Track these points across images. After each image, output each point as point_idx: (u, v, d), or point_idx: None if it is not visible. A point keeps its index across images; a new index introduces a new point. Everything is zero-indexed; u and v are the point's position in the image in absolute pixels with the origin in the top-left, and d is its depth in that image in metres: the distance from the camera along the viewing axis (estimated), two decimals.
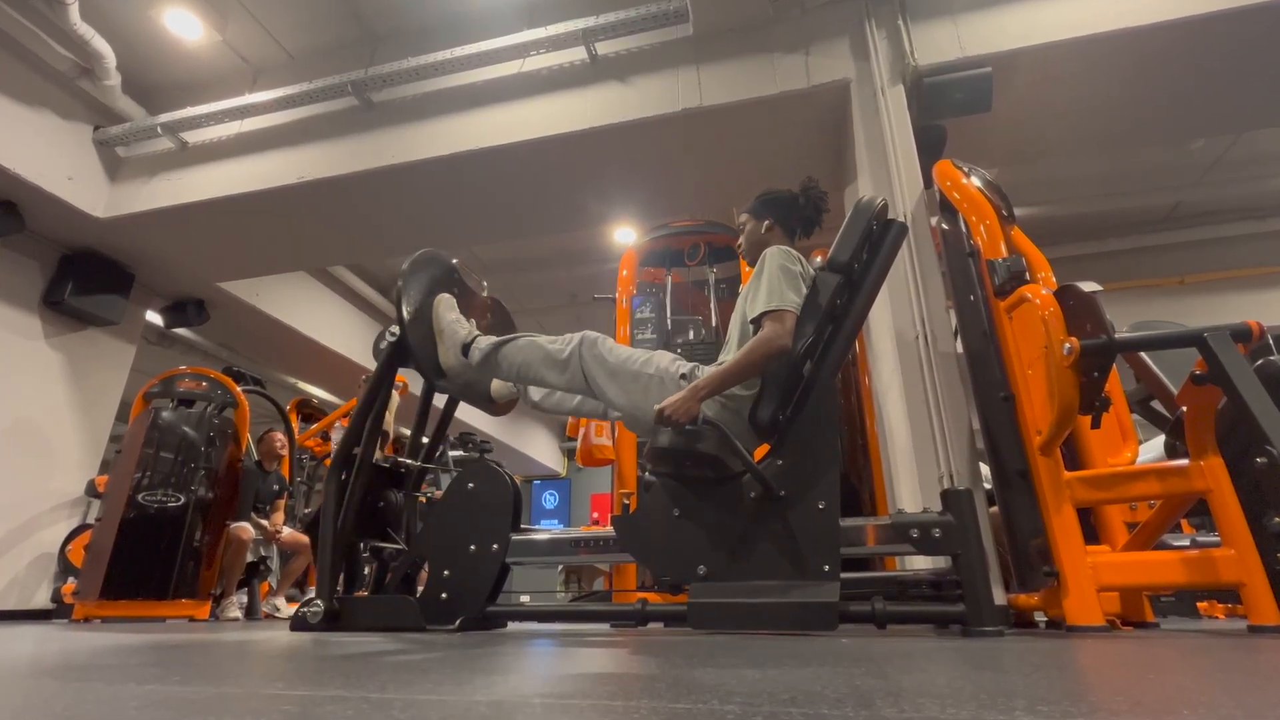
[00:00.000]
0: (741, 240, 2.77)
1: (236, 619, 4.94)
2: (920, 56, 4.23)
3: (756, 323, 2.32)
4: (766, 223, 2.68)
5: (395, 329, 2.73)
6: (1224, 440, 2.23)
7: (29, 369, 5.85)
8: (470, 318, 2.88)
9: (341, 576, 2.60)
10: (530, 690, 0.91)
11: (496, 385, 2.93)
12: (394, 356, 2.74)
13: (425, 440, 3.16)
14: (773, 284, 2.32)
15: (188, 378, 5.42)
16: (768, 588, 2.07)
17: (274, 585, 5.83)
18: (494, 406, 2.99)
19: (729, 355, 2.44)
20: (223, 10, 5.56)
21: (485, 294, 3.29)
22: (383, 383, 2.78)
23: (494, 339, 2.66)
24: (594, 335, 2.52)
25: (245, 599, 5.57)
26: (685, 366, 2.38)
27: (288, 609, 4.84)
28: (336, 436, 5.58)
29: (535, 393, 2.87)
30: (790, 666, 1.13)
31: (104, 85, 5.54)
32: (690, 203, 5.77)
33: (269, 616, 5.25)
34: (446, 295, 2.86)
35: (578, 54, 4.98)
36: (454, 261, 3.04)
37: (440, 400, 3.12)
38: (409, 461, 2.97)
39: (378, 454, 2.82)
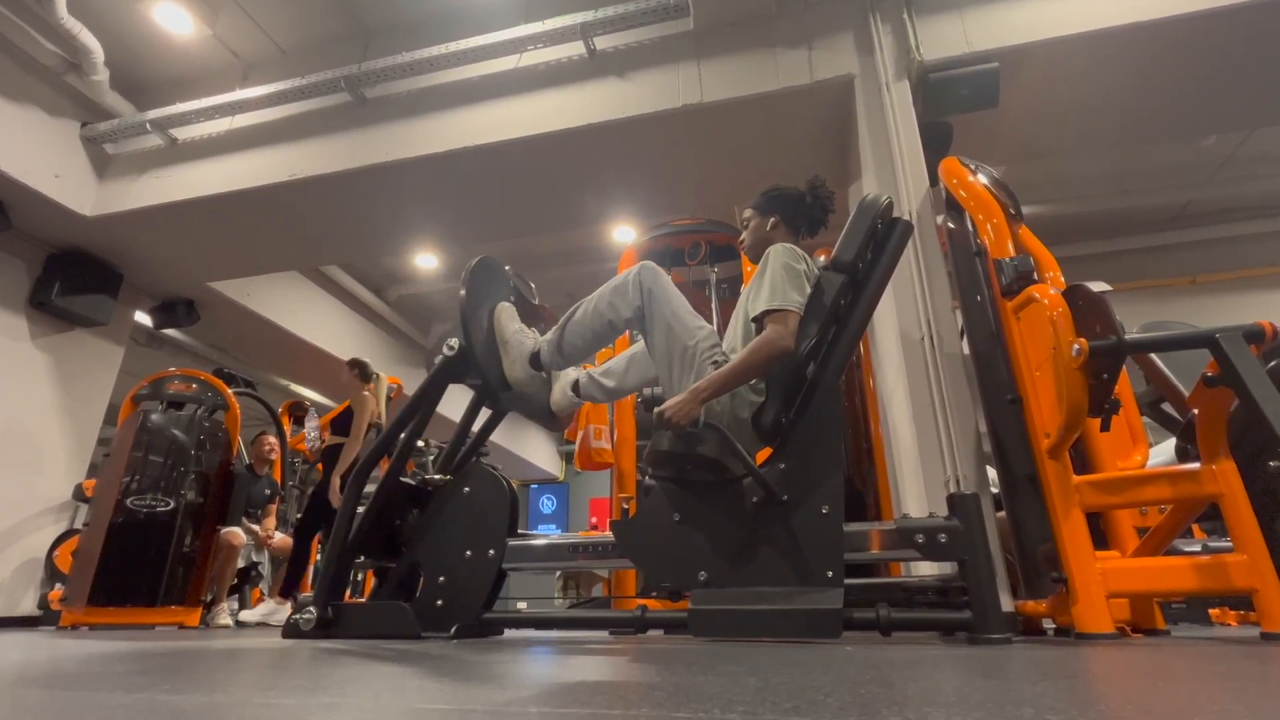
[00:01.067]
0: (745, 236, 2.77)
1: (227, 626, 4.94)
2: (926, 51, 4.24)
3: (759, 322, 2.32)
4: (772, 220, 2.69)
5: (454, 342, 2.65)
6: (1236, 443, 2.23)
7: (15, 371, 5.84)
8: (530, 326, 2.84)
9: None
10: (528, 699, 0.91)
11: (557, 396, 2.85)
12: (447, 371, 2.65)
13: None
14: (776, 282, 2.32)
15: (177, 380, 5.41)
16: (770, 594, 2.07)
17: (265, 591, 5.83)
18: (554, 420, 2.90)
19: (731, 355, 2.44)
20: (213, 4, 5.57)
21: (537, 301, 3.24)
22: (427, 397, 2.71)
23: (552, 335, 2.64)
24: (652, 265, 2.53)
25: (236, 605, 5.57)
26: (720, 355, 2.39)
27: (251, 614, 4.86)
28: (311, 433, 5.57)
29: (607, 380, 2.80)
30: (793, 675, 1.13)
31: (92, 81, 5.54)
32: (690, 201, 5.78)
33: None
34: (508, 304, 2.82)
35: (576, 49, 4.99)
36: (507, 269, 3.01)
37: (457, 412, 3.05)
38: (436, 478, 2.87)
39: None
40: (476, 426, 2.98)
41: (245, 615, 4.76)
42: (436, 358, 2.70)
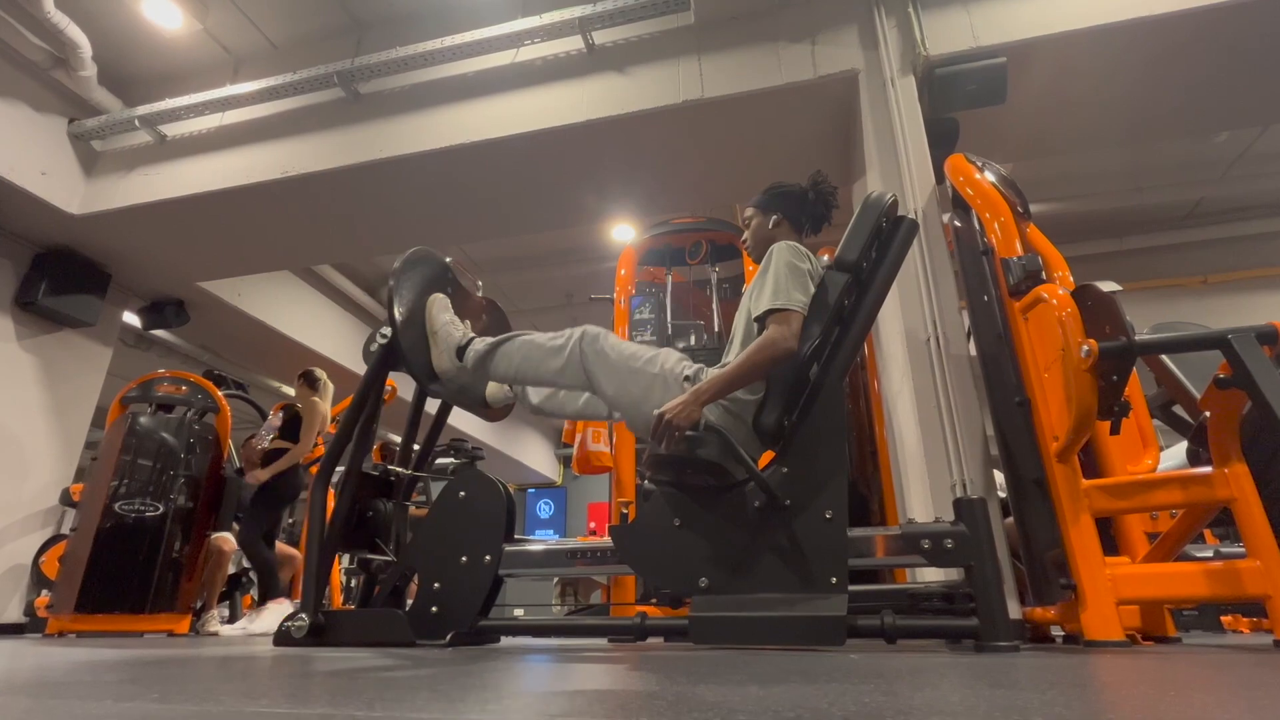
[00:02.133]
0: (747, 236, 2.77)
1: (217, 633, 4.94)
2: (932, 46, 4.24)
3: (761, 321, 2.31)
4: (774, 218, 2.69)
5: (386, 330, 2.73)
6: (1249, 447, 2.23)
7: (0, 373, 5.84)
8: (465, 319, 2.88)
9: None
10: (525, 708, 0.91)
11: (492, 389, 2.93)
12: (385, 360, 2.74)
13: (416, 447, 3.16)
14: (779, 281, 2.32)
15: (167, 381, 5.41)
16: (772, 601, 2.07)
17: (256, 598, 5.83)
18: (489, 411, 2.99)
19: (732, 355, 2.44)
20: None
21: (480, 294, 3.28)
22: (372, 387, 2.78)
23: (489, 339, 2.66)
24: (595, 330, 2.51)
25: (227, 612, 5.57)
26: (691, 368, 2.38)
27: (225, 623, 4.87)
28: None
29: (535, 394, 2.87)
30: (796, 683, 1.13)
31: (79, 76, 5.54)
32: (691, 198, 5.78)
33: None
34: (440, 295, 2.86)
35: (574, 43, 4.99)
36: (448, 260, 3.04)
37: (432, 406, 3.12)
38: (399, 470, 2.97)
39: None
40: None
41: (227, 630, 4.76)
42: (372, 346, 2.76)
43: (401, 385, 7.06)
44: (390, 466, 2.98)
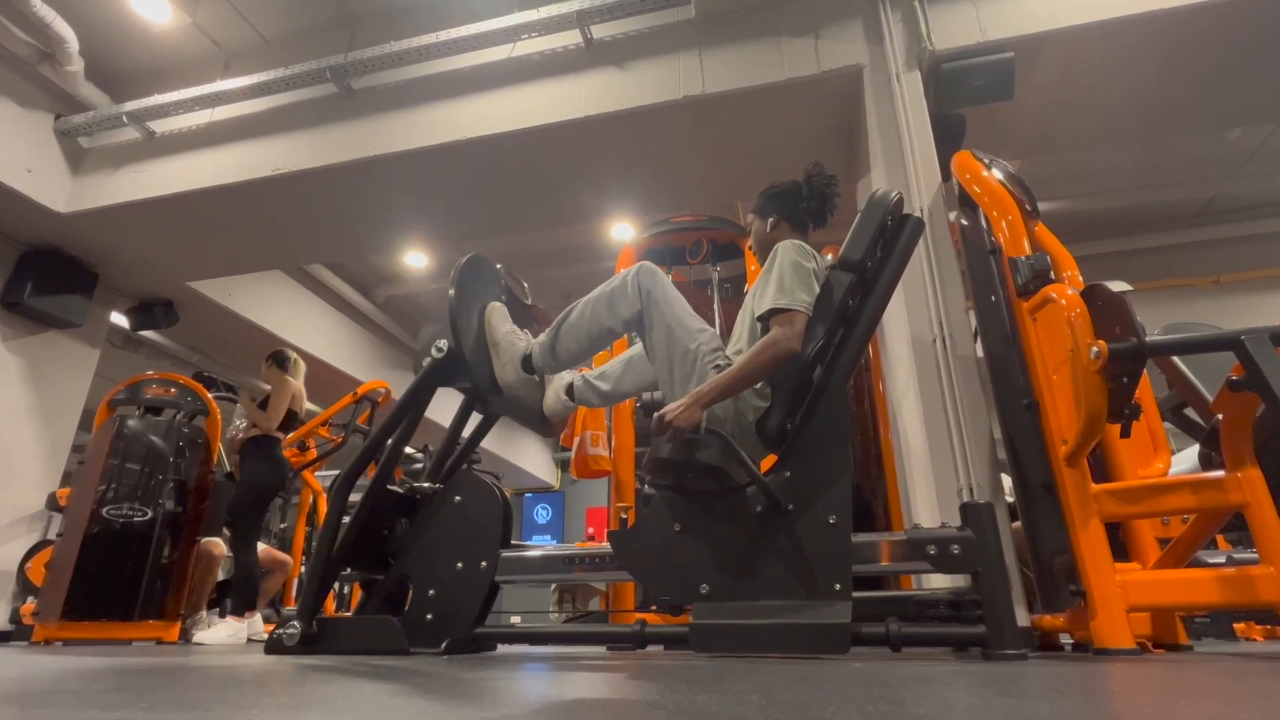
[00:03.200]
0: (751, 241, 2.78)
1: (203, 642, 4.93)
2: (938, 41, 4.24)
3: (764, 321, 2.32)
4: (772, 219, 2.69)
5: (443, 343, 2.66)
6: (1263, 450, 2.23)
7: None
8: (523, 328, 2.85)
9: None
10: (522, 717, 0.91)
11: (550, 400, 2.87)
12: (437, 374, 2.66)
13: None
14: (783, 280, 2.32)
15: (155, 384, 5.41)
16: (775, 608, 2.07)
17: (230, 607, 5.82)
18: (546, 425, 2.92)
19: (734, 356, 2.44)
20: None
21: (530, 301, 3.24)
22: (415, 401, 2.72)
23: (544, 338, 2.65)
24: (650, 266, 2.53)
25: (217, 619, 5.56)
26: (723, 358, 2.39)
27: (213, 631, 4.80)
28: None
29: (602, 384, 2.81)
30: (799, 692, 1.13)
31: (66, 71, 5.55)
32: (692, 197, 5.78)
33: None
34: (499, 305, 2.83)
35: (572, 38, 4.99)
36: (499, 267, 3.01)
37: (449, 417, 3.07)
38: (425, 486, 2.87)
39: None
40: (467, 432, 2.98)
41: (203, 636, 4.69)
42: (424, 360, 2.69)
43: (396, 387, 7.07)
44: (415, 484, 2.89)
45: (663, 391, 2.51)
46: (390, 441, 2.74)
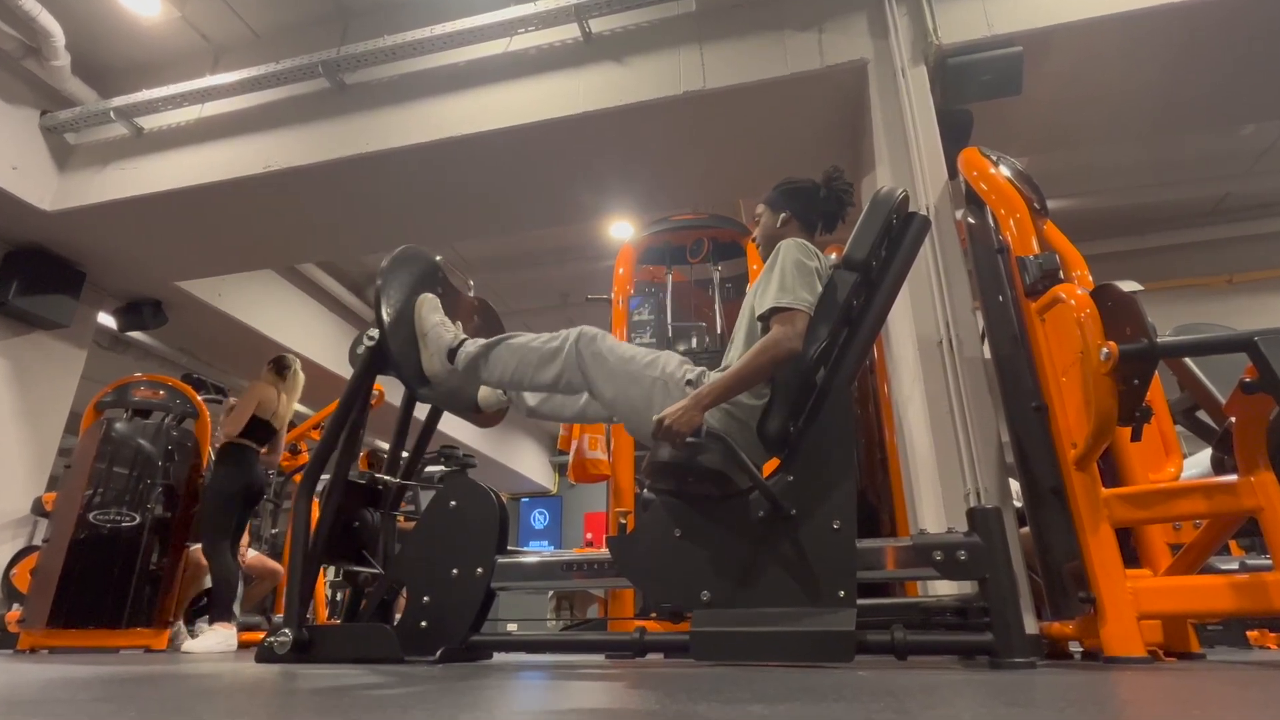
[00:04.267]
0: (756, 234, 2.78)
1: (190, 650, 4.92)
2: (944, 35, 4.25)
3: (765, 320, 2.31)
4: (784, 215, 2.69)
5: (374, 332, 2.73)
6: (1276, 454, 2.23)
7: None
8: (456, 320, 2.88)
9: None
10: None
11: (484, 393, 2.93)
12: (372, 363, 2.74)
13: (404, 454, 3.15)
14: (785, 279, 2.32)
15: (144, 386, 5.40)
16: (777, 615, 2.07)
17: (237, 611, 5.81)
18: (481, 417, 3.00)
19: (734, 356, 2.44)
20: None
21: (471, 294, 3.28)
22: (359, 392, 2.78)
23: (481, 341, 2.66)
24: (592, 330, 2.52)
25: (206, 627, 5.54)
26: (693, 371, 2.38)
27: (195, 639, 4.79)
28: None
29: (530, 398, 2.87)
30: (802, 701, 1.13)
31: (52, 66, 5.54)
32: (693, 194, 5.78)
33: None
34: (430, 295, 2.86)
35: (570, 31, 5.00)
36: (437, 259, 3.05)
37: (421, 411, 3.12)
38: (387, 478, 2.97)
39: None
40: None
41: (191, 645, 4.69)
42: (358, 349, 2.75)
43: (390, 390, 7.07)
44: (378, 475, 2.98)
45: (640, 435, 2.51)
46: (341, 435, 2.78)
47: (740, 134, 4.97)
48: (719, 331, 5.01)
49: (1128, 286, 2.46)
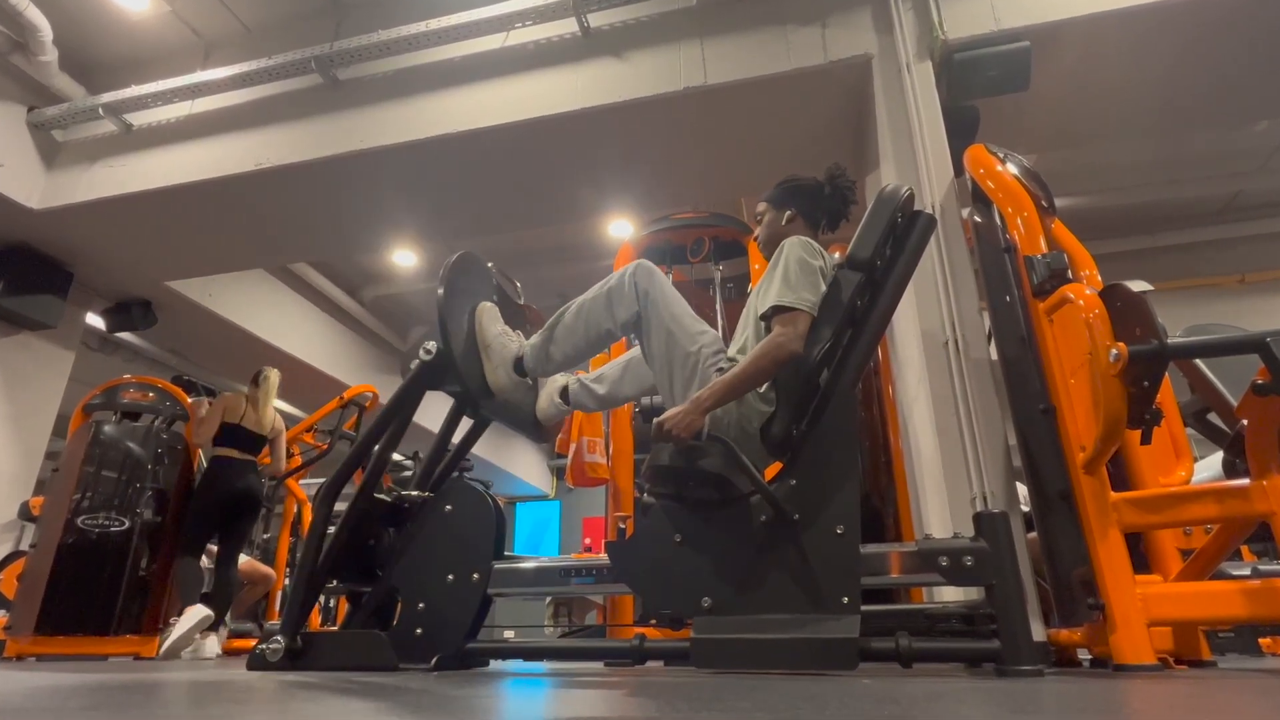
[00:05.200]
0: (759, 232, 2.78)
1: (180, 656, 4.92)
2: (950, 30, 4.25)
3: (767, 321, 2.31)
4: (788, 213, 2.69)
5: (431, 345, 2.66)
6: None
7: None
8: (515, 329, 2.85)
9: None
10: None
11: (544, 404, 2.86)
12: (424, 377, 2.66)
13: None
14: (788, 278, 2.32)
15: (133, 388, 5.40)
16: (780, 622, 2.07)
17: (228, 618, 5.81)
18: (539, 430, 2.92)
19: (736, 357, 2.44)
20: None
21: (522, 301, 3.24)
22: (402, 406, 2.71)
23: (536, 340, 2.65)
24: (649, 265, 2.54)
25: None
26: (725, 361, 2.39)
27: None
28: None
29: (599, 387, 2.81)
30: (805, 710, 1.13)
31: (39, 61, 5.55)
32: (693, 192, 5.78)
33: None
34: (489, 305, 2.82)
35: (568, 26, 5.00)
36: (490, 265, 3.01)
37: (426, 419, 3.07)
38: (414, 494, 2.86)
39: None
40: (457, 438, 2.98)
41: (169, 641, 4.68)
42: (412, 362, 2.69)
43: (384, 391, 7.07)
44: (404, 492, 2.88)
45: (662, 397, 2.51)
46: (376, 448, 2.74)
47: (742, 131, 4.97)
48: (720, 331, 5.00)
49: (1137, 286, 2.46)
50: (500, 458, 13.61)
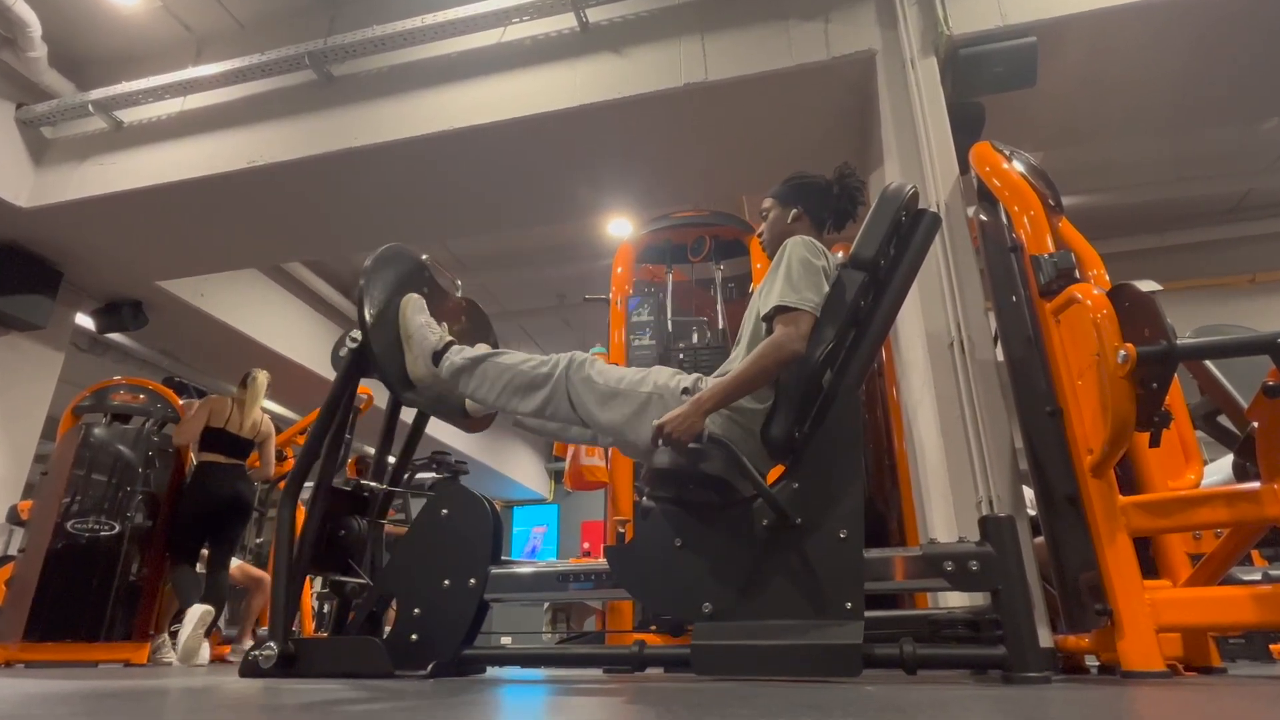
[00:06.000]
0: (763, 230, 2.77)
1: (171, 663, 4.92)
2: (955, 24, 4.25)
3: (769, 321, 2.31)
4: (794, 211, 2.69)
5: (356, 334, 2.72)
6: None
7: None
8: (442, 321, 2.88)
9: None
10: None
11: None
12: (355, 365, 2.74)
13: (391, 460, 3.15)
14: (791, 277, 2.31)
15: (123, 389, 5.40)
16: (782, 628, 2.07)
17: (222, 626, 5.81)
18: (469, 422, 2.99)
19: (738, 358, 2.44)
20: None
21: (459, 294, 3.28)
22: (342, 396, 2.77)
23: (469, 353, 2.65)
24: (582, 356, 2.52)
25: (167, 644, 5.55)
26: (688, 380, 2.37)
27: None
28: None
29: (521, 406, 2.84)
30: (808, 718, 1.13)
31: (28, 57, 5.55)
32: (694, 190, 5.78)
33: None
34: (415, 296, 2.86)
35: (566, 21, 5.00)
36: (424, 258, 3.05)
37: (407, 415, 3.12)
38: (373, 485, 2.96)
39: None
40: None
41: (178, 650, 4.69)
42: (341, 351, 2.74)
43: (378, 394, 7.07)
44: (363, 481, 2.98)
45: (633, 449, 2.50)
46: (325, 440, 2.77)
47: (743, 128, 4.97)
48: (721, 327, 5.00)
49: (1146, 286, 2.46)
50: (496, 460, 13.61)
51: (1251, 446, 2.30)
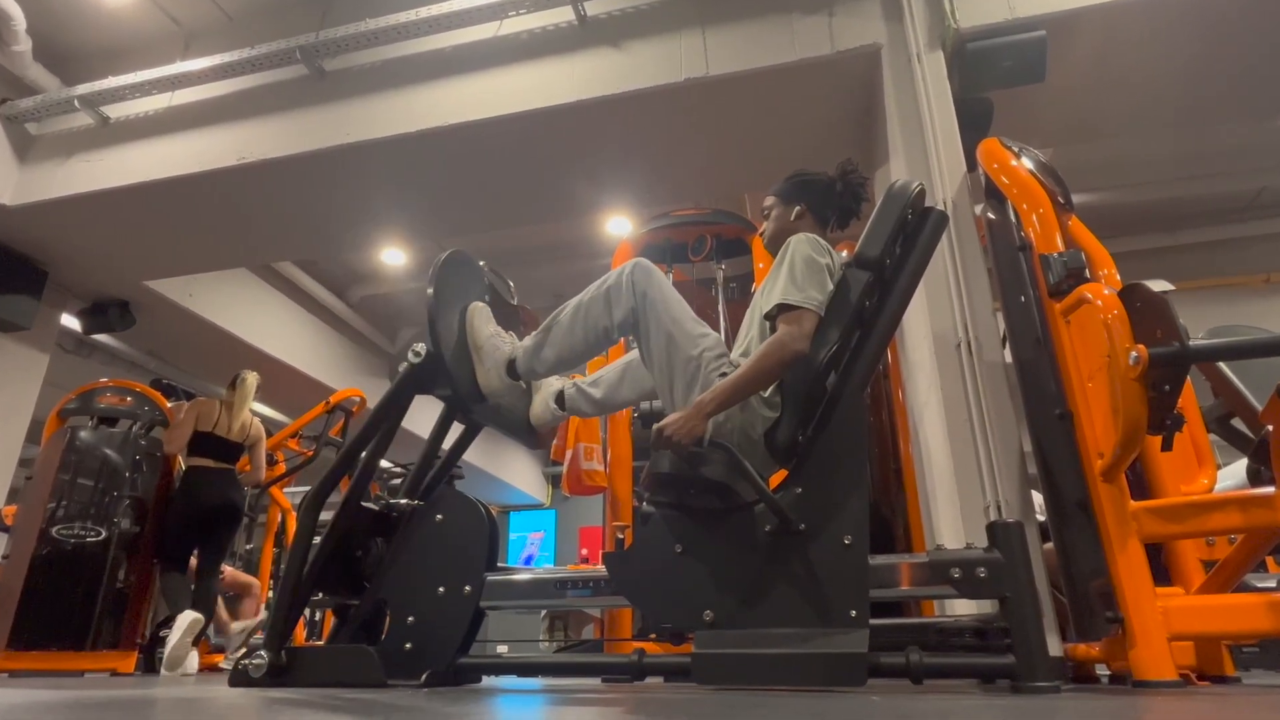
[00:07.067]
0: (766, 227, 2.78)
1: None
2: (963, 18, 4.24)
3: (772, 320, 2.31)
4: (797, 209, 2.69)
5: (420, 347, 2.65)
6: None
7: None
8: (508, 330, 2.84)
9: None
10: None
11: (537, 408, 2.85)
12: (413, 380, 2.66)
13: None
14: (794, 276, 2.31)
15: (110, 392, 5.41)
16: (785, 636, 2.07)
17: (212, 634, 5.81)
18: (533, 436, 2.91)
19: (740, 358, 2.44)
20: None
21: (516, 301, 3.22)
22: (390, 411, 2.71)
23: (534, 337, 2.65)
24: (647, 264, 2.52)
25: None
26: (729, 365, 2.38)
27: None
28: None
29: (595, 390, 2.80)
30: None
31: (12, 51, 5.55)
32: (694, 188, 5.78)
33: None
34: (481, 305, 2.81)
35: (564, 14, 5.00)
36: (482, 264, 3.01)
37: (428, 428, 3.06)
38: (404, 502, 2.86)
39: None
40: (448, 444, 2.97)
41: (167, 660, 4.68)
42: (401, 365, 2.69)
43: (372, 395, 7.07)
44: (392, 500, 2.88)
45: (662, 402, 2.50)
46: (364, 455, 2.74)
47: (745, 124, 4.97)
48: (723, 329, 5.00)
49: (1158, 286, 2.46)
50: (493, 465, 13.60)
51: (1266, 450, 2.30)
